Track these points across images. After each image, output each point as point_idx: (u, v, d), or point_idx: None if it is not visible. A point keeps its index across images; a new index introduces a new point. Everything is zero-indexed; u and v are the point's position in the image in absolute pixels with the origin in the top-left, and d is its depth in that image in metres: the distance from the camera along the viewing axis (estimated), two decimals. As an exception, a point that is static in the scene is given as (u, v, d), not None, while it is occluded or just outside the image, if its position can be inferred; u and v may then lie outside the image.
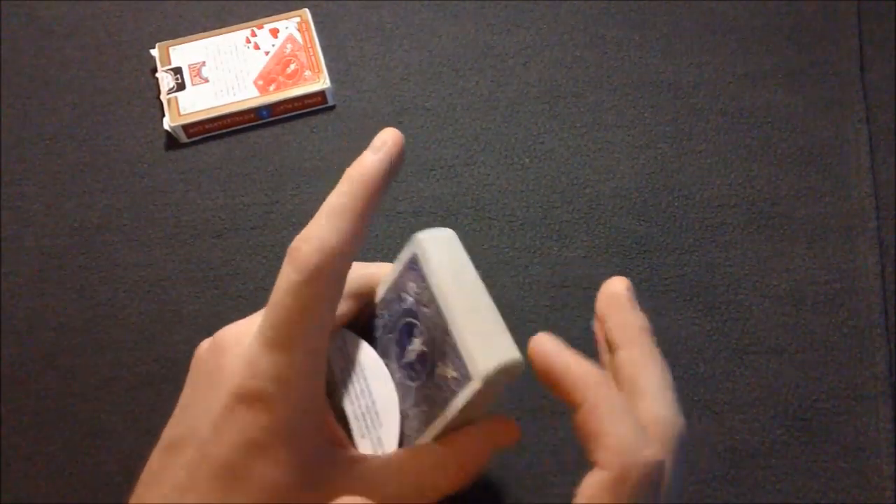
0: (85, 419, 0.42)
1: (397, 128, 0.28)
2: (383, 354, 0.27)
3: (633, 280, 0.44)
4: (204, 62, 0.52)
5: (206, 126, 0.50)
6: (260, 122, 0.51)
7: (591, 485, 0.24)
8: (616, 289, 0.30)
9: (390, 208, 0.47)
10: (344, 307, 0.30)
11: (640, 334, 0.28)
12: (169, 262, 0.47)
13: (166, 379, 0.43)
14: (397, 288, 0.27)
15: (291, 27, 0.53)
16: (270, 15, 0.54)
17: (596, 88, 0.51)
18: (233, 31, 0.54)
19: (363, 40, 0.54)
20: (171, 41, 0.53)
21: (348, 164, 0.28)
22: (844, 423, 0.40)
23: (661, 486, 0.24)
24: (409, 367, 0.26)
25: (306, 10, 0.54)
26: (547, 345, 0.26)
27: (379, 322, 0.28)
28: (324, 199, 0.51)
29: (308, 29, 0.53)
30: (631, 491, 0.23)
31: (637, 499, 0.23)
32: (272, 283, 0.46)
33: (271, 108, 0.51)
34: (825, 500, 0.38)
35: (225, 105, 0.50)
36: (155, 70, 0.52)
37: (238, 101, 0.50)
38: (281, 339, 0.26)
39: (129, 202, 0.49)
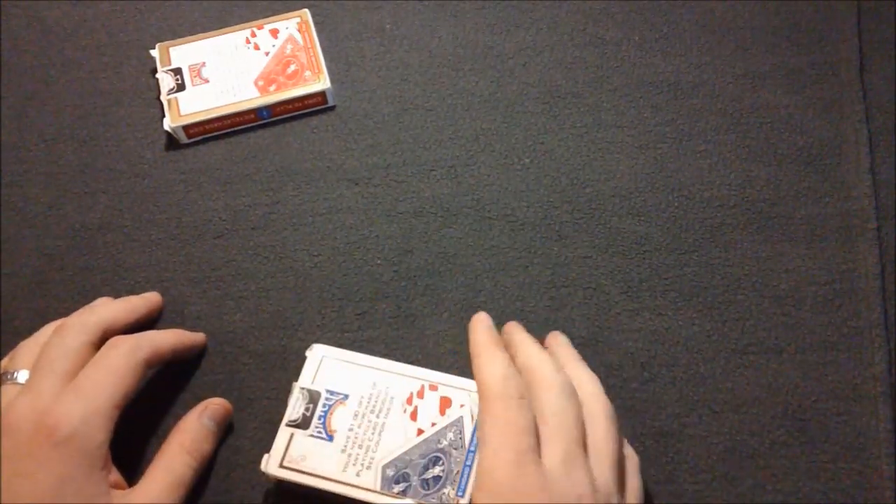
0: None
1: (397, 128, 0.28)
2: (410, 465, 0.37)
3: (633, 280, 0.45)
4: (204, 63, 0.52)
5: (207, 126, 0.50)
6: (260, 122, 0.51)
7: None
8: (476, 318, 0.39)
9: (390, 208, 0.48)
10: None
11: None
12: (170, 263, 0.47)
13: (167, 379, 0.43)
14: (437, 434, 0.37)
15: (291, 28, 0.53)
16: (270, 15, 0.54)
17: (596, 88, 0.51)
18: (233, 31, 0.54)
19: (363, 40, 0.54)
20: (171, 42, 0.53)
21: (348, 164, 0.27)
22: (844, 423, 0.40)
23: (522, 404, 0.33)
24: (426, 482, 0.36)
25: (306, 10, 0.54)
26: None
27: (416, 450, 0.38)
28: (323, 199, 0.51)
29: (308, 29, 0.53)
30: (495, 403, 0.33)
31: (507, 411, 0.32)
32: (273, 284, 0.46)
33: (271, 108, 0.51)
34: (825, 500, 0.38)
35: (225, 105, 0.50)
36: (155, 71, 0.52)
37: (238, 102, 0.50)
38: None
39: (129, 203, 0.49)
